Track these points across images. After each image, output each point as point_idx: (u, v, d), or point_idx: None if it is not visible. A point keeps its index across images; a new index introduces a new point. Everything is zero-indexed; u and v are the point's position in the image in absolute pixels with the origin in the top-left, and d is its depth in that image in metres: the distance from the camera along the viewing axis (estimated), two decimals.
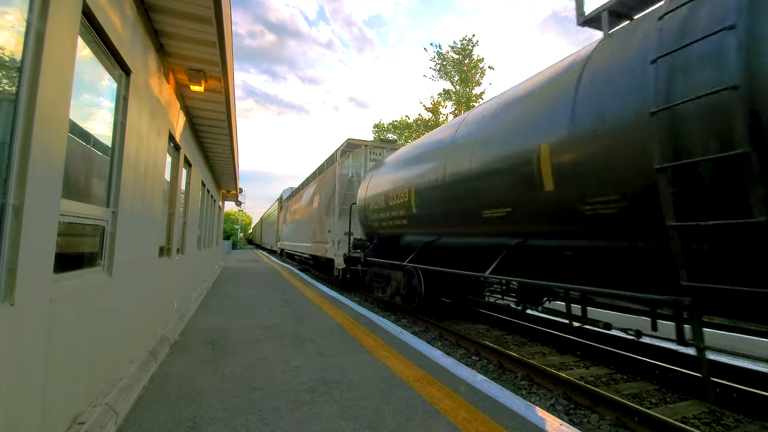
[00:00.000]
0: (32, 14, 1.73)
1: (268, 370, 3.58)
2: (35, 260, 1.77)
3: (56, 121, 1.91)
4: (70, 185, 2.36)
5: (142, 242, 3.81)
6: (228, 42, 4.16)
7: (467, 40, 26.28)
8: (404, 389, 3.16)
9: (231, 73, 5.15)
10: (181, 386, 3.15)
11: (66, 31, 1.97)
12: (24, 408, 1.72)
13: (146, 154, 3.69)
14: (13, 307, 1.60)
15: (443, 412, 2.74)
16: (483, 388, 3.20)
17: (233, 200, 19.33)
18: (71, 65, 2.05)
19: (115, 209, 2.97)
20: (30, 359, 1.76)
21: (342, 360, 3.90)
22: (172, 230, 5.56)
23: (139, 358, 3.45)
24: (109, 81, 2.94)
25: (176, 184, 5.68)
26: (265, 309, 6.71)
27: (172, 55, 4.37)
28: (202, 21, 3.69)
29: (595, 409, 3.56)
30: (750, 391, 3.63)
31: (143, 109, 3.52)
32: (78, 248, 2.67)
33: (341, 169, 12.10)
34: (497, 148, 4.76)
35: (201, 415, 2.64)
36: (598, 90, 3.44)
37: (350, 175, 12.07)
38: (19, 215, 1.64)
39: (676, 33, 2.84)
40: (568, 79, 3.88)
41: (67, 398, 2.21)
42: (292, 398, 2.95)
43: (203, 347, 4.28)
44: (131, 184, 3.27)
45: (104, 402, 2.52)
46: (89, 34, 2.47)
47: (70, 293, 2.24)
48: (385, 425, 2.56)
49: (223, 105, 5.90)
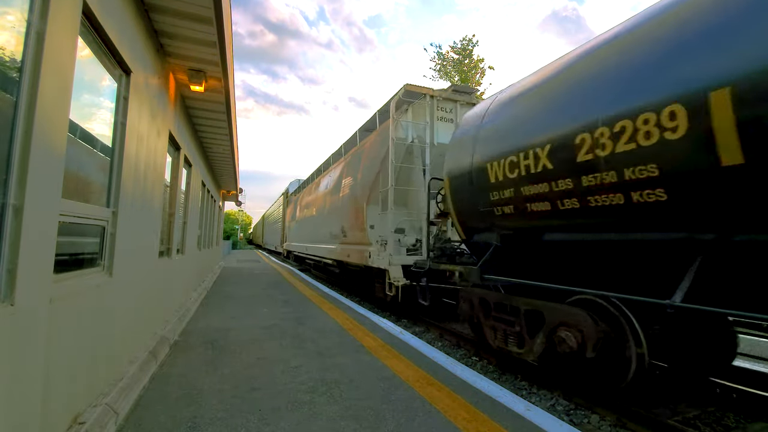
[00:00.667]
0: (32, 14, 1.73)
1: (268, 370, 3.58)
2: (35, 260, 1.77)
3: (56, 121, 1.92)
4: (71, 185, 2.36)
5: (143, 242, 3.81)
6: (228, 42, 4.16)
7: (467, 40, 26.29)
8: (404, 389, 3.16)
9: (231, 73, 5.15)
10: (181, 386, 3.15)
11: (66, 32, 1.97)
12: (24, 408, 1.72)
13: (146, 154, 3.69)
14: (13, 307, 1.60)
15: (443, 412, 2.74)
16: (483, 388, 3.20)
17: (233, 200, 19.33)
18: (71, 65, 2.05)
19: (115, 209, 2.97)
20: (30, 359, 1.76)
21: (342, 360, 3.90)
22: (172, 230, 5.56)
23: (139, 358, 3.45)
24: (110, 81, 2.95)
25: (176, 184, 5.68)
26: (265, 309, 6.71)
27: (172, 55, 4.37)
28: (202, 21, 3.69)
29: (595, 410, 3.56)
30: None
31: (143, 109, 3.52)
32: (78, 248, 2.67)
33: (397, 129, 7.37)
34: None
35: (201, 415, 2.64)
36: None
37: (410, 140, 7.47)
38: (19, 215, 1.64)
39: None
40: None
41: (67, 398, 2.21)
42: (292, 398, 2.95)
43: (203, 347, 4.28)
44: (131, 184, 3.27)
45: (104, 402, 2.52)
46: (89, 34, 2.47)
47: (71, 293, 2.24)
48: (385, 425, 2.55)
49: (223, 105, 5.90)
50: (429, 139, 7.44)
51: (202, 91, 5.05)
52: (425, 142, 7.42)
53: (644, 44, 2.98)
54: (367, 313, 6.48)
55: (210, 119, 6.67)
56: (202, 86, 4.86)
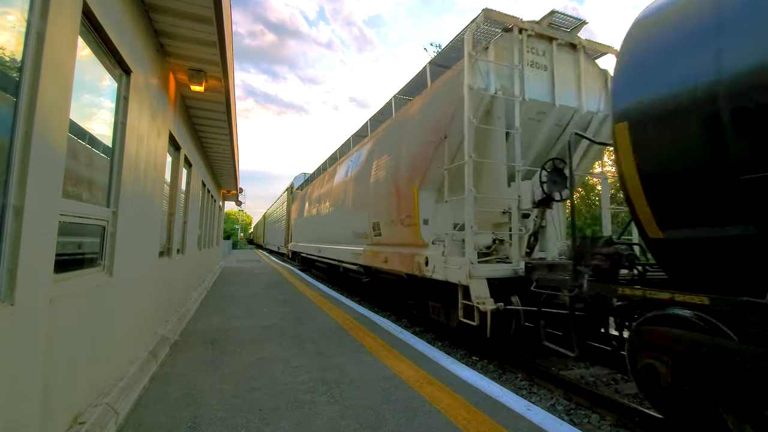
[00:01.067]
0: (33, 14, 1.73)
1: (269, 370, 3.58)
2: (35, 260, 1.77)
3: (56, 121, 1.92)
4: (71, 185, 2.36)
5: (143, 242, 3.81)
6: (228, 42, 4.16)
7: None
8: (405, 389, 3.16)
9: (231, 73, 5.15)
10: (182, 386, 3.15)
11: (66, 31, 1.97)
12: (24, 408, 1.72)
13: (146, 154, 3.69)
14: (14, 307, 1.60)
15: (443, 412, 2.74)
16: (483, 388, 3.20)
17: (233, 200, 19.34)
18: (71, 65, 2.05)
19: (115, 209, 2.97)
20: (30, 359, 1.76)
21: (342, 360, 3.90)
22: (172, 230, 5.56)
23: (139, 358, 3.45)
24: (110, 81, 2.95)
25: (176, 184, 5.68)
26: (265, 309, 6.71)
27: (173, 55, 4.37)
28: (202, 21, 3.69)
29: (596, 410, 3.56)
30: None
31: (143, 109, 3.52)
32: (78, 248, 2.67)
33: (474, 74, 4.94)
34: None
35: (201, 415, 2.64)
36: None
37: (492, 91, 5.01)
38: (19, 215, 1.64)
39: None
40: None
41: (67, 398, 2.21)
42: (292, 398, 2.95)
43: (203, 347, 4.28)
44: (131, 184, 3.27)
45: (104, 402, 2.52)
46: (89, 34, 2.47)
47: (71, 293, 2.24)
48: (385, 425, 2.55)
49: (223, 105, 5.90)
50: (519, 90, 5.12)
51: (202, 91, 5.05)
52: (513, 94, 5.06)
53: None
54: (368, 312, 6.48)
55: (210, 119, 6.67)
56: (202, 86, 4.86)
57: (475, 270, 4.48)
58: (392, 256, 6.74)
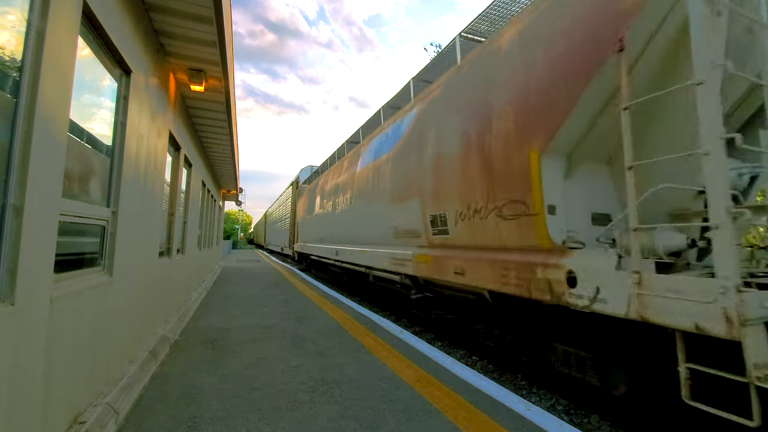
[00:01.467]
0: (33, 14, 1.73)
1: (268, 369, 3.58)
2: (35, 260, 1.77)
3: (56, 121, 1.92)
4: (71, 185, 2.36)
5: (143, 242, 3.81)
6: (228, 42, 4.16)
7: None
8: (404, 389, 3.16)
9: (231, 73, 5.15)
10: (182, 386, 3.15)
11: (66, 31, 1.97)
12: (24, 408, 1.72)
13: (146, 154, 3.69)
14: (14, 307, 1.60)
15: (443, 412, 2.74)
16: (483, 388, 3.20)
17: (233, 200, 19.34)
18: (71, 65, 2.05)
19: (115, 209, 2.97)
20: (30, 359, 1.76)
21: (342, 360, 3.90)
22: (172, 230, 5.56)
23: (139, 357, 3.45)
24: (110, 81, 2.95)
25: (176, 184, 5.68)
26: (265, 309, 6.71)
27: (173, 54, 4.37)
28: (202, 21, 3.69)
29: (596, 410, 3.55)
30: None
31: (143, 109, 3.52)
32: (78, 248, 2.67)
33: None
34: None
35: (201, 415, 2.64)
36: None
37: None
38: (19, 215, 1.64)
39: None
40: None
41: (67, 398, 2.21)
42: (292, 398, 2.95)
43: (203, 347, 4.28)
44: (131, 184, 3.27)
45: (105, 401, 2.53)
46: (89, 33, 2.47)
47: (71, 293, 2.24)
48: (385, 425, 2.55)
49: (223, 105, 5.90)
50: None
51: (202, 91, 5.05)
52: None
53: None
54: (367, 312, 6.48)
55: (210, 119, 6.67)
56: (202, 86, 4.86)
57: (749, 306, 2.00)
58: (474, 265, 4.30)
